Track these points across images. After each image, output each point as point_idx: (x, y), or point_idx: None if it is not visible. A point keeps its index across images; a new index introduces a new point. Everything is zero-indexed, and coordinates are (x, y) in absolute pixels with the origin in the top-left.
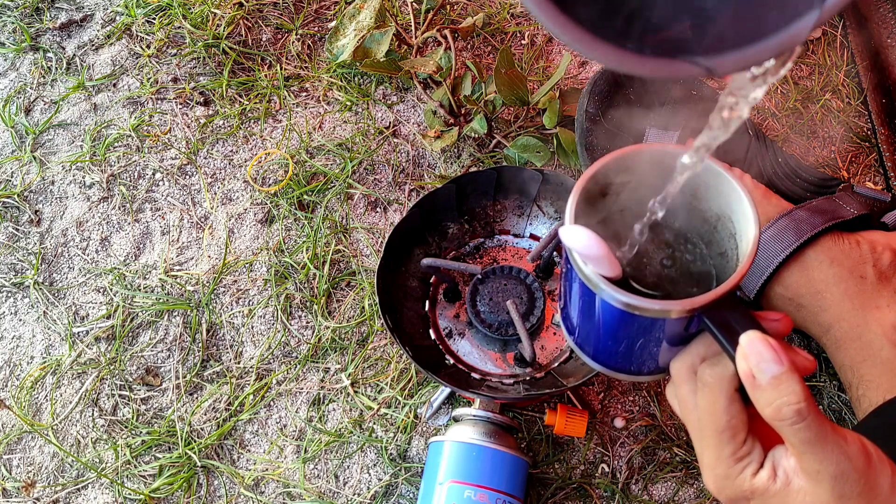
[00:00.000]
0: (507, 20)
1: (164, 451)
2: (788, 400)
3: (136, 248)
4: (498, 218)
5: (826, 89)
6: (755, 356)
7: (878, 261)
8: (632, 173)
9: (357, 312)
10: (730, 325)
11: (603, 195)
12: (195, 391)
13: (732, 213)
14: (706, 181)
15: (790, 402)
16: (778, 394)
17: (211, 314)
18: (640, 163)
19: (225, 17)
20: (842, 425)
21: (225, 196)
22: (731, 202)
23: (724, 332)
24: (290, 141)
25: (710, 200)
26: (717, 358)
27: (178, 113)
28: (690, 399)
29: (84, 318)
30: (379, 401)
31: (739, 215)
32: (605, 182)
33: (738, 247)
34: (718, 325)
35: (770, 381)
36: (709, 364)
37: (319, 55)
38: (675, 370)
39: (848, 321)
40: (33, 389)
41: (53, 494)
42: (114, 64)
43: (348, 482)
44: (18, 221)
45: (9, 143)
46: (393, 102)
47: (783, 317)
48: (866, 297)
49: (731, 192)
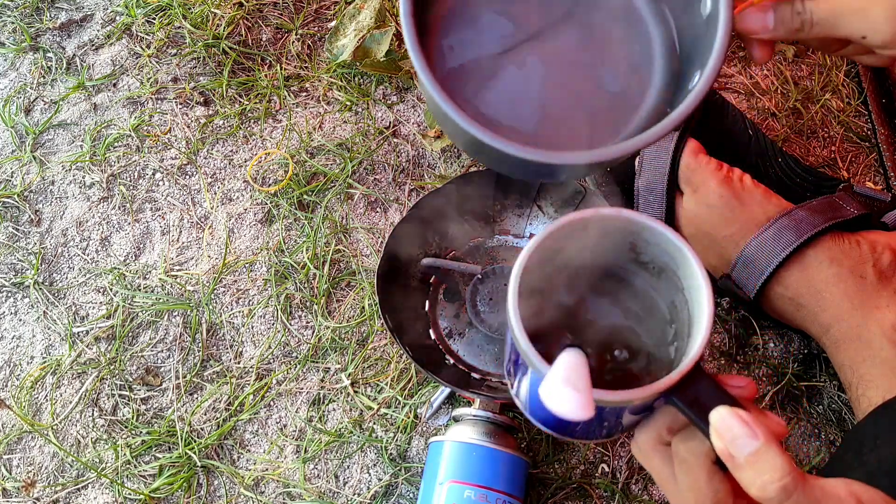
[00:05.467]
0: None
1: (164, 451)
2: (771, 477)
3: (136, 248)
4: (498, 218)
5: (826, 89)
6: (728, 434)
7: (878, 260)
8: (574, 242)
9: (357, 312)
10: (699, 401)
11: (546, 270)
12: (195, 391)
13: (677, 269)
14: (645, 238)
15: (773, 479)
16: (758, 471)
17: (211, 314)
18: (580, 232)
19: (225, 17)
20: (841, 425)
21: (225, 196)
22: (675, 258)
23: (694, 409)
24: (290, 141)
25: (651, 254)
26: (690, 432)
27: (178, 113)
28: (665, 471)
29: (84, 318)
30: (379, 401)
31: (685, 271)
32: (548, 257)
33: (688, 303)
34: (687, 403)
35: (748, 459)
36: (682, 439)
37: (319, 55)
38: (643, 442)
39: (848, 321)
40: (33, 389)
41: (53, 494)
42: (114, 64)
43: (348, 482)
44: (18, 221)
45: (9, 143)
46: (393, 102)
47: (748, 382)
48: (866, 297)
49: (673, 249)
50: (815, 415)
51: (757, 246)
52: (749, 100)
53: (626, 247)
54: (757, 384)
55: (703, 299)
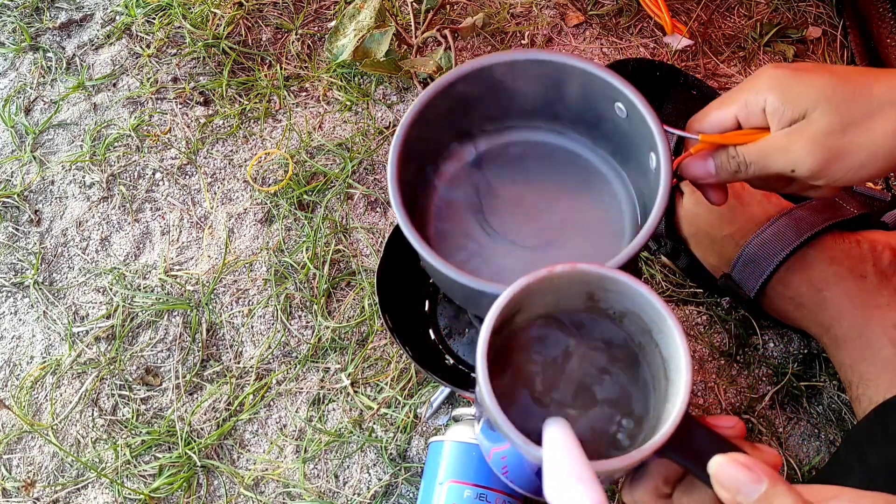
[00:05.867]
0: (507, 20)
1: (164, 451)
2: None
3: (136, 247)
4: None
5: None
6: (731, 483)
7: (878, 260)
8: (534, 300)
9: (357, 312)
10: (695, 452)
11: (510, 330)
12: (195, 391)
13: (641, 311)
14: (603, 287)
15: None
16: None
17: (211, 314)
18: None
19: (225, 17)
20: (841, 425)
21: (225, 196)
22: (636, 302)
23: (692, 461)
24: (290, 141)
25: (609, 301)
26: (691, 482)
27: (178, 113)
28: None
29: (84, 317)
30: (379, 401)
31: (650, 314)
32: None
33: (659, 346)
34: (684, 457)
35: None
36: (685, 491)
37: (319, 55)
38: (640, 496)
39: (848, 320)
40: (33, 389)
41: (53, 494)
42: (114, 64)
43: (348, 482)
44: (18, 221)
45: (9, 143)
46: (393, 102)
47: (736, 422)
48: (866, 296)
49: (632, 293)
50: (815, 415)
51: (757, 245)
52: None
53: (584, 297)
54: (757, 384)
55: (676, 341)
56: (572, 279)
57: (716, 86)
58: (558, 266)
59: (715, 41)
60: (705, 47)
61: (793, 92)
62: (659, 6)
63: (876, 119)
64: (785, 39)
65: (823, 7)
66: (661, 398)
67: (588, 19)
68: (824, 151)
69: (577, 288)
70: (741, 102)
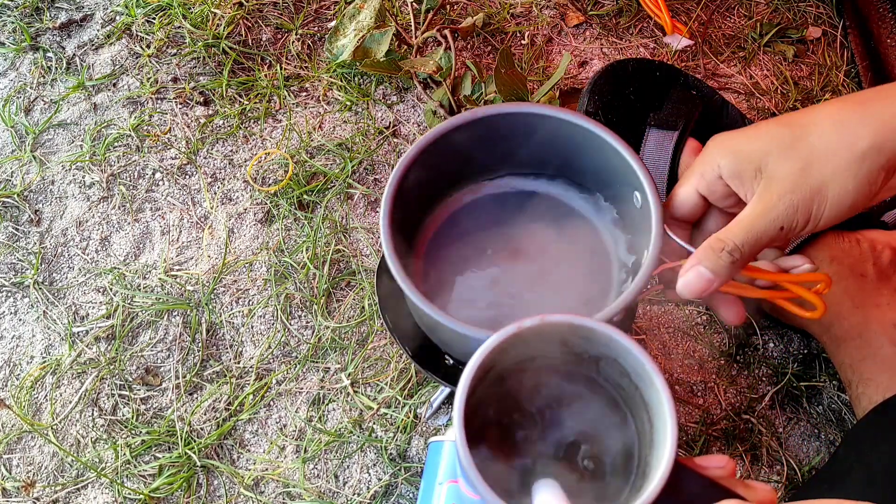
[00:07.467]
0: (507, 20)
1: (163, 451)
2: None
3: (135, 247)
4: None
5: (826, 89)
6: None
7: (878, 259)
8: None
9: (357, 312)
10: (693, 499)
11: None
12: (195, 391)
13: (617, 356)
14: (578, 335)
15: None
16: None
17: (211, 314)
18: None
19: (225, 17)
20: (841, 425)
21: (225, 196)
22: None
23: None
24: (290, 141)
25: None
26: None
27: (178, 113)
28: None
29: (84, 317)
30: (379, 401)
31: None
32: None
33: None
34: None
35: None
36: None
37: (319, 55)
38: None
39: (848, 319)
40: (33, 389)
41: (53, 494)
42: (114, 64)
43: (348, 482)
44: (18, 221)
45: (9, 143)
46: (393, 102)
47: (727, 461)
48: (866, 296)
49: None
50: (815, 415)
51: None
52: (749, 100)
53: (558, 345)
54: (757, 384)
55: (656, 385)
56: (542, 331)
57: (716, 86)
58: (526, 321)
59: (715, 41)
60: (705, 47)
61: (742, 151)
62: (659, 6)
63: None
64: (785, 39)
65: (823, 7)
66: (647, 442)
67: (588, 19)
68: (800, 194)
69: (549, 338)
70: (697, 175)
